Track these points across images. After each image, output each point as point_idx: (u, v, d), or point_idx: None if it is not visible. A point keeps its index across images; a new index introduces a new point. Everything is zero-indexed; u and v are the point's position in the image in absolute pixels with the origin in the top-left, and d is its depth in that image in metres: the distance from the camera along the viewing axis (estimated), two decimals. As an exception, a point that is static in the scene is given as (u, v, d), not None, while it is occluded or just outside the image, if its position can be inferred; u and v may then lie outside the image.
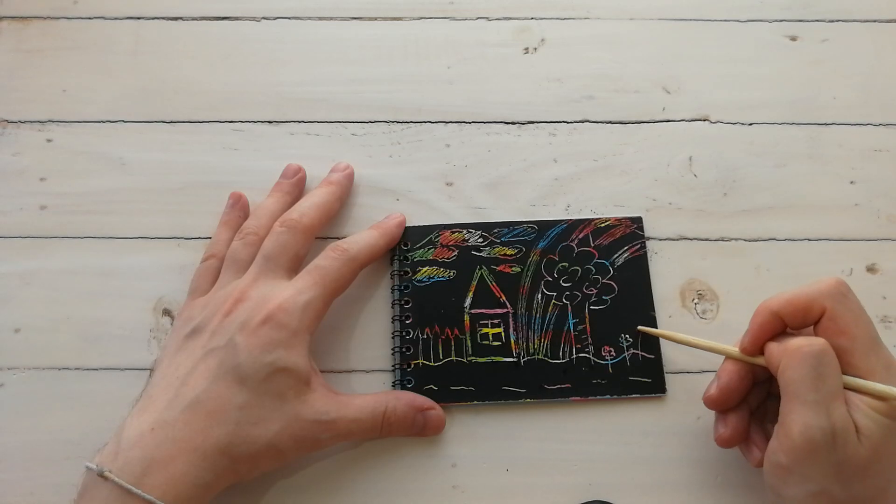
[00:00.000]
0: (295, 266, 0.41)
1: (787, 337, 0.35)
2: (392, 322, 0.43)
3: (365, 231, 0.43)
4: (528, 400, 0.42)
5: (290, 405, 0.37)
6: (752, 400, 0.38)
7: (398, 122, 0.49)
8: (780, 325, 0.35)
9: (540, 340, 0.43)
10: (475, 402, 0.42)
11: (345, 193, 0.45)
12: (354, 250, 0.41)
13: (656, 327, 0.43)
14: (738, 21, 0.51)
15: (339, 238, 0.43)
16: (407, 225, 0.45)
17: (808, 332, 0.36)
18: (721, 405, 0.37)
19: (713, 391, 0.37)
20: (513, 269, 0.44)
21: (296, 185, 0.45)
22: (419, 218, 0.46)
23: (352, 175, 0.46)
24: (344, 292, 0.41)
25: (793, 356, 0.33)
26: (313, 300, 0.38)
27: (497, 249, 0.45)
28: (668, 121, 0.49)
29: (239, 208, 0.45)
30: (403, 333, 0.43)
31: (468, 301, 0.44)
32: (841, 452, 0.32)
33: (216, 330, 0.38)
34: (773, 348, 0.35)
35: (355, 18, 0.51)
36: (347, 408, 0.38)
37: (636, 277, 0.44)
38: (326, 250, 0.41)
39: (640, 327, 0.43)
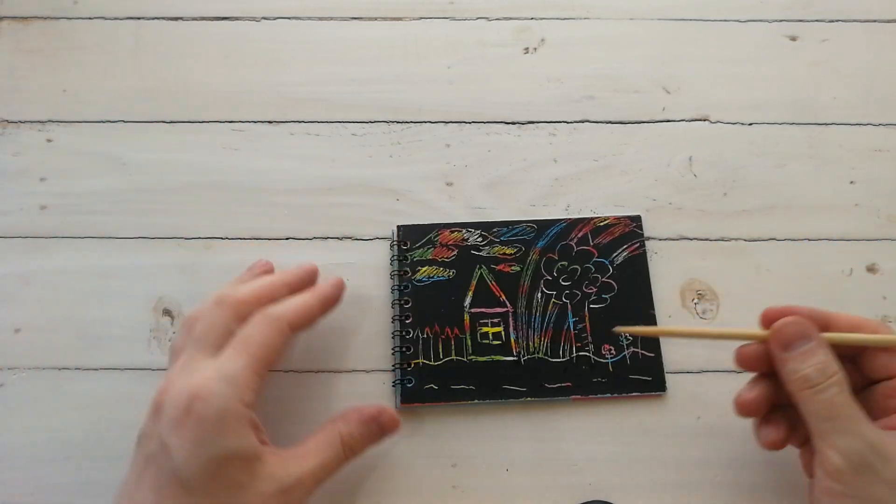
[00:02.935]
0: (225, 343, 0.36)
1: None
2: (392, 322, 0.43)
3: (298, 295, 0.39)
4: (529, 399, 0.42)
5: (249, 491, 0.33)
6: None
7: (398, 122, 0.49)
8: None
9: (540, 339, 0.43)
10: (475, 401, 0.42)
11: (323, 299, 0.40)
12: (279, 313, 0.37)
13: (656, 325, 0.43)
14: (738, 21, 0.51)
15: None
16: (407, 224, 0.45)
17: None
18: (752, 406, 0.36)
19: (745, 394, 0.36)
20: (512, 268, 0.44)
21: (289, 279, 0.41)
22: (419, 218, 0.46)
23: (341, 287, 0.41)
24: (310, 330, 0.39)
25: None
26: (238, 372, 0.34)
27: (496, 248, 0.45)
28: (668, 121, 0.49)
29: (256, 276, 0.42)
30: (403, 333, 0.43)
31: (468, 300, 0.44)
32: None
33: (150, 434, 0.34)
34: None
35: (355, 18, 0.51)
36: (306, 458, 0.36)
37: (635, 276, 0.44)
38: (252, 317, 0.37)
39: (616, 328, 0.40)
